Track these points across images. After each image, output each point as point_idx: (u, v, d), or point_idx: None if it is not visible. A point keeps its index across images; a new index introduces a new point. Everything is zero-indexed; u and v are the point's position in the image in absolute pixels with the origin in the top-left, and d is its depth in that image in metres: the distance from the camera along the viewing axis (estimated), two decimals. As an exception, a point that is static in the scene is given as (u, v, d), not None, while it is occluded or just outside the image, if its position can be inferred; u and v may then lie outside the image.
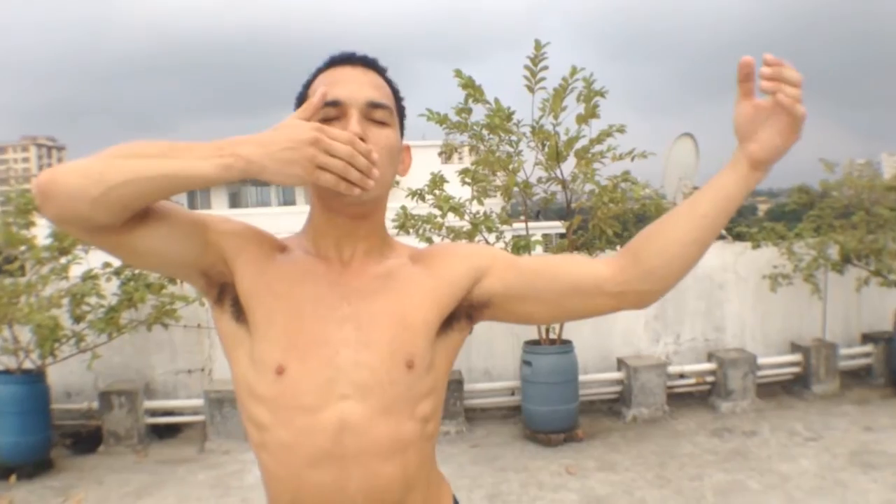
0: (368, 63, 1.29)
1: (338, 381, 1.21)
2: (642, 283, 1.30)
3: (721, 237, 8.16)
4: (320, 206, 1.30)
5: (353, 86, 1.24)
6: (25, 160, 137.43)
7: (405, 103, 1.37)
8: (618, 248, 6.08)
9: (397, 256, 1.34)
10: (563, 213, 6.05)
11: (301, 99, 1.31)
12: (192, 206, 34.66)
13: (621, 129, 5.73)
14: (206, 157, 1.08)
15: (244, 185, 40.37)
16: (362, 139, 1.18)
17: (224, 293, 1.28)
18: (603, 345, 6.90)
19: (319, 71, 1.30)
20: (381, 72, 1.31)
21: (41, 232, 5.89)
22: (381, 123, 1.25)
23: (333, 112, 1.22)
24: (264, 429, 1.23)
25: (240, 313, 1.26)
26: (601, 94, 5.54)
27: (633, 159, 5.77)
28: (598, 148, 5.73)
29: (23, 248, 5.74)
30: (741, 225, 7.93)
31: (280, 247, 1.32)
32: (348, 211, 1.27)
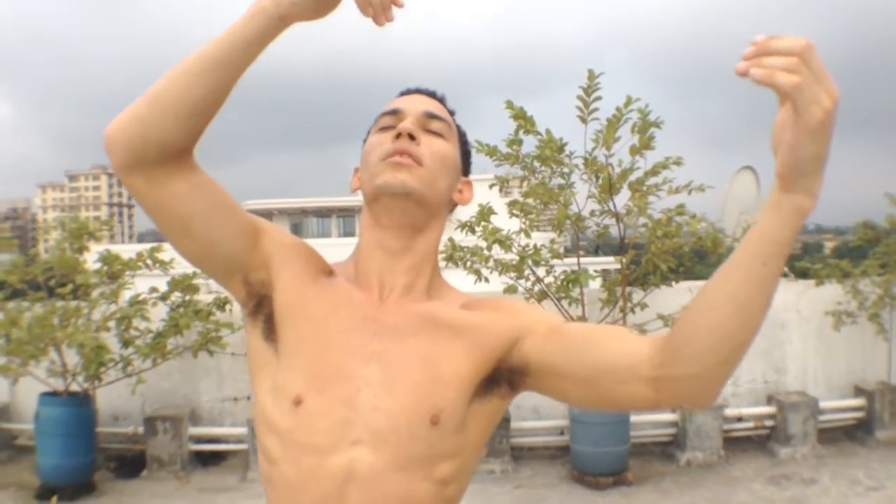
0: (431, 93, 1.32)
1: (353, 424, 1.12)
2: (675, 365, 1.04)
3: (783, 275, 7.87)
4: (369, 223, 1.26)
5: (414, 101, 1.28)
6: (96, 188, 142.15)
7: (469, 141, 1.37)
8: (673, 284, 6.01)
9: (445, 300, 1.25)
10: (618, 247, 5.91)
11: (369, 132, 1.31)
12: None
13: (678, 162, 5.58)
14: (236, 23, 1.09)
15: (305, 216, 40.98)
16: (412, 136, 1.20)
17: (260, 307, 1.22)
18: (657, 385, 6.68)
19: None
20: (442, 101, 1.32)
21: (91, 258, 5.98)
22: (437, 134, 1.25)
23: (391, 120, 1.24)
24: (273, 462, 1.16)
25: (271, 331, 1.20)
26: (657, 124, 5.41)
27: (689, 192, 5.62)
28: (653, 180, 5.59)
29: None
30: (805, 261, 7.65)
31: (327, 270, 1.27)
32: (395, 212, 1.20)
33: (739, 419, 6.52)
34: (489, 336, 1.18)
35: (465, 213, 5.63)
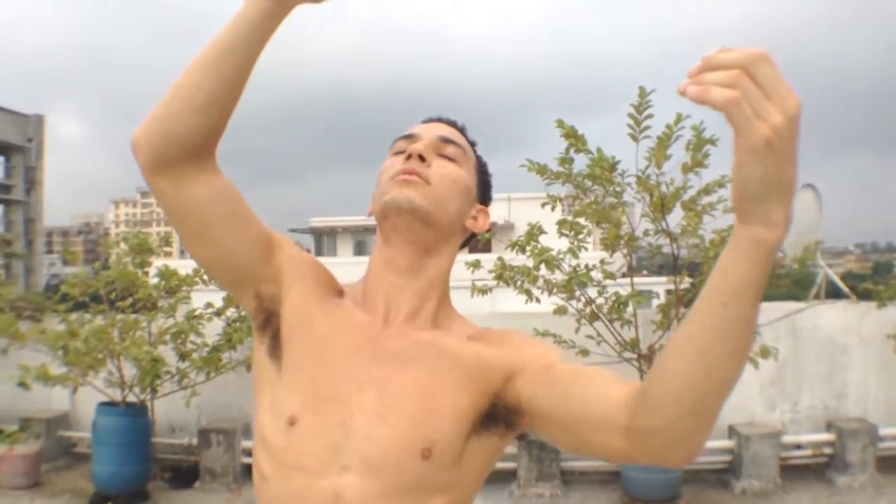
0: (452, 122, 1.34)
1: (344, 449, 1.11)
2: (642, 415, 0.97)
3: (844, 296, 7.64)
4: (379, 244, 1.26)
5: (431, 127, 1.30)
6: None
7: (488, 172, 1.38)
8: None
9: (452, 329, 1.24)
10: (672, 267, 5.81)
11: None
12: (318, 252, 35.64)
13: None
14: (238, 10, 1.10)
15: (368, 233, 41.25)
16: (423, 158, 1.21)
17: (269, 322, 1.23)
18: (712, 409, 6.52)
19: None
20: (462, 131, 1.33)
21: (153, 272, 6.16)
22: (451, 159, 1.25)
23: (405, 144, 1.25)
24: (264, 479, 1.16)
25: (276, 347, 1.20)
26: (712, 141, 5.32)
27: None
28: (707, 199, 5.48)
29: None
30: (868, 282, 7.40)
31: (337, 290, 1.27)
32: (402, 229, 1.20)
33: (797, 446, 6.34)
34: (487, 370, 1.15)
35: (516, 231, 5.65)
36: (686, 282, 5.66)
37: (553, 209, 5.90)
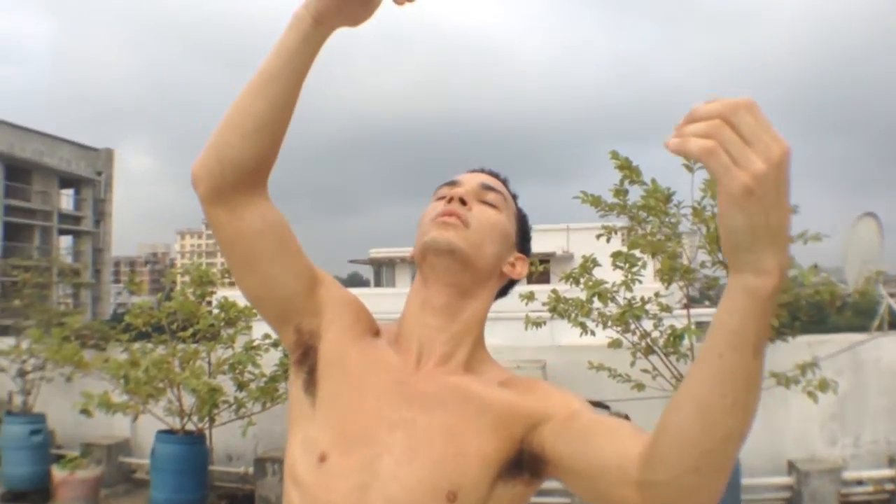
0: (495, 173, 1.37)
1: (370, 490, 1.12)
2: (650, 469, 0.95)
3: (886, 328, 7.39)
4: (417, 285, 1.29)
5: (473, 175, 1.34)
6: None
7: (528, 224, 1.40)
8: (789, 339, 5.75)
9: (484, 375, 1.24)
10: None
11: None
12: (377, 283, 35.88)
13: (792, 210, 5.37)
14: (281, 35, 1.16)
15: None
16: (464, 201, 1.24)
17: (306, 356, 1.25)
18: (773, 445, 6.34)
19: None
20: (505, 182, 1.37)
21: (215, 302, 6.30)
22: (492, 206, 1.28)
23: (448, 190, 1.29)
24: None
25: (312, 383, 1.23)
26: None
27: (805, 242, 5.38)
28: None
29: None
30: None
31: (374, 330, 1.30)
32: (439, 269, 1.23)
33: (859, 482, 6.15)
34: (515, 416, 1.16)
35: (575, 262, 5.64)
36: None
37: (608, 241, 5.86)
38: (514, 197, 1.37)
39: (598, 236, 5.82)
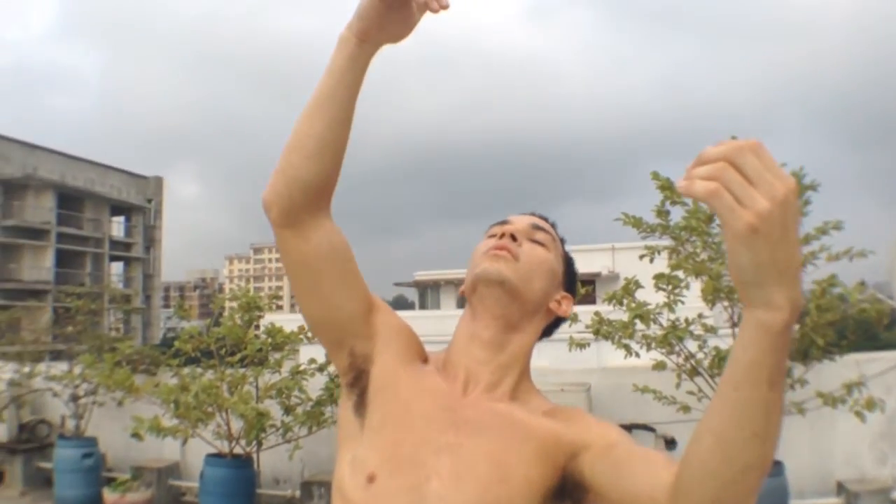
0: (544, 217, 1.43)
1: None
2: (675, 498, 0.98)
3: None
4: (466, 318, 1.34)
5: (524, 217, 1.40)
6: (279, 260, 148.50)
7: (575, 266, 1.45)
8: (837, 357, 5.64)
9: (529, 405, 1.28)
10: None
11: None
12: (422, 306, 35.93)
13: (837, 226, 5.30)
14: (330, 57, 1.23)
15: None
16: (514, 237, 1.30)
17: (358, 380, 1.29)
18: (822, 466, 6.22)
19: None
20: (553, 226, 1.42)
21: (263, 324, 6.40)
22: (541, 244, 1.34)
23: (499, 229, 1.34)
24: None
25: (362, 405, 1.27)
26: (812, 187, 5.21)
27: (851, 259, 5.30)
28: (809, 248, 5.32)
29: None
30: None
31: (423, 356, 1.34)
32: (489, 300, 1.27)
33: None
34: (558, 445, 1.19)
35: (621, 282, 5.61)
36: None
37: (651, 261, 5.84)
38: (562, 241, 1.42)
39: (642, 257, 5.80)
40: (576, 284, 1.43)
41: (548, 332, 1.38)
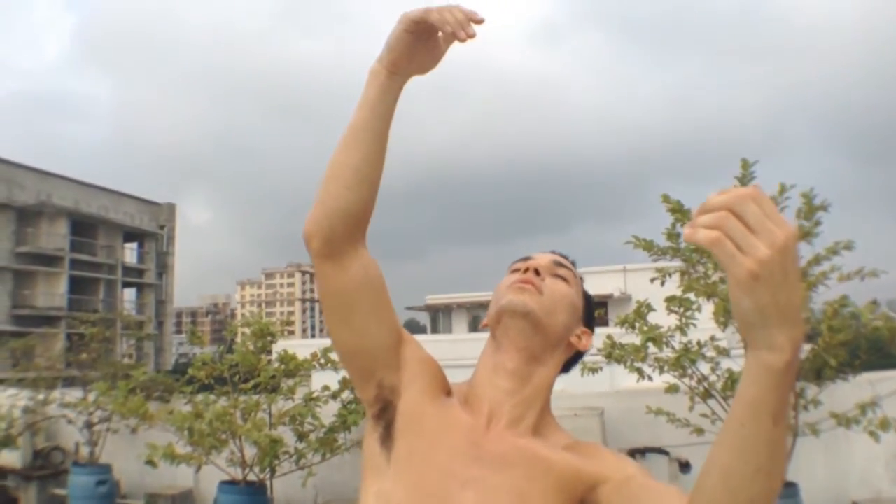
0: (564, 255, 1.47)
1: None
2: None
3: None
4: (490, 350, 1.36)
5: (545, 254, 1.44)
6: (290, 285, 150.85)
7: (593, 304, 1.49)
8: (850, 377, 5.60)
9: (550, 439, 1.31)
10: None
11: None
12: (434, 329, 35.90)
13: (848, 246, 5.29)
14: (363, 91, 1.29)
15: (483, 309, 41.35)
16: (538, 272, 1.35)
17: (384, 412, 1.31)
18: (837, 486, 6.17)
19: None
20: (573, 264, 1.46)
21: (277, 350, 6.43)
22: (562, 279, 1.38)
23: (522, 264, 1.38)
24: None
25: (388, 438, 1.28)
26: (823, 207, 5.21)
27: (862, 279, 5.28)
28: (820, 268, 5.31)
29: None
30: None
31: (447, 390, 1.36)
32: (513, 331, 1.30)
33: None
34: (578, 478, 1.22)
35: (633, 304, 5.61)
36: (805, 349, 5.46)
37: (662, 284, 5.84)
38: (581, 280, 1.45)
39: (653, 280, 5.80)
40: (594, 320, 1.46)
41: (567, 366, 1.40)
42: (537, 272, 1.35)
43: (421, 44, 1.27)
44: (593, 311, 1.46)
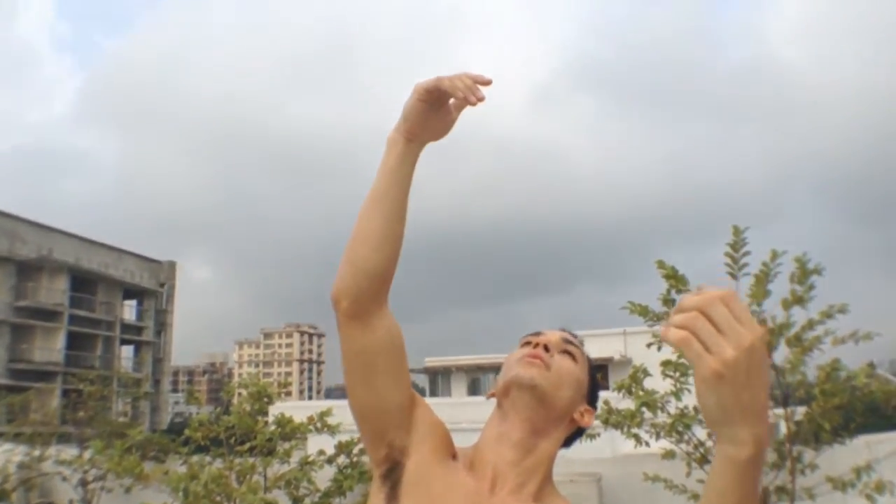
0: (571, 332, 1.51)
1: None
2: None
3: None
4: (496, 420, 1.41)
5: (555, 331, 1.48)
6: (289, 345, 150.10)
7: (598, 383, 1.53)
8: (847, 441, 5.56)
9: None
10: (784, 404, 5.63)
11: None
12: (433, 392, 35.60)
13: (843, 310, 5.34)
14: (382, 159, 1.38)
15: (482, 372, 41.12)
16: (547, 348, 1.39)
17: (392, 471, 1.34)
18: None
19: None
20: (581, 344, 1.51)
21: (273, 411, 6.43)
22: (570, 356, 1.43)
23: (533, 338, 1.44)
24: None
25: (394, 498, 1.31)
26: (817, 271, 5.28)
27: (857, 342, 5.32)
28: (818, 329, 5.35)
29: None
30: None
31: (453, 452, 1.40)
32: (520, 403, 1.35)
33: None
34: None
35: (629, 368, 5.64)
36: (800, 413, 5.45)
37: (659, 349, 5.89)
38: (588, 359, 1.50)
39: (649, 345, 5.83)
40: (598, 399, 1.50)
41: (569, 442, 1.44)
42: (546, 348, 1.39)
43: (434, 112, 1.36)
44: (598, 388, 1.51)
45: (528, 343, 1.43)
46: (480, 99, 1.30)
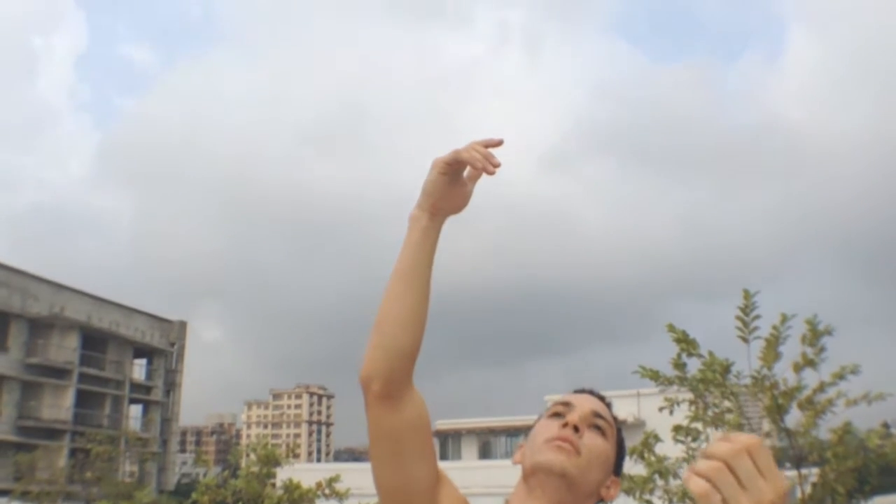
0: (601, 396, 1.48)
1: None
2: None
3: None
4: (521, 496, 1.39)
5: (585, 399, 1.44)
6: (298, 406, 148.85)
7: (625, 446, 1.52)
8: (862, 503, 5.45)
9: None
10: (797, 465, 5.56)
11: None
12: (443, 456, 35.22)
13: (854, 370, 5.31)
14: (405, 235, 1.39)
15: (494, 435, 40.67)
16: (577, 428, 1.35)
17: None
18: None
19: None
20: (609, 406, 1.48)
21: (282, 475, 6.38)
22: (600, 431, 1.40)
23: (562, 409, 1.40)
24: None
25: None
26: (828, 331, 5.26)
27: (869, 403, 5.27)
28: (830, 391, 5.31)
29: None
30: None
31: None
32: (548, 488, 1.33)
33: None
34: None
35: (646, 428, 5.58)
36: (813, 475, 5.38)
37: (671, 413, 5.85)
38: (616, 420, 1.47)
39: (661, 409, 5.81)
40: (623, 464, 1.49)
41: None
42: (576, 428, 1.35)
43: (452, 184, 1.39)
44: (624, 455, 1.49)
45: (556, 414, 1.40)
46: (497, 166, 1.33)
